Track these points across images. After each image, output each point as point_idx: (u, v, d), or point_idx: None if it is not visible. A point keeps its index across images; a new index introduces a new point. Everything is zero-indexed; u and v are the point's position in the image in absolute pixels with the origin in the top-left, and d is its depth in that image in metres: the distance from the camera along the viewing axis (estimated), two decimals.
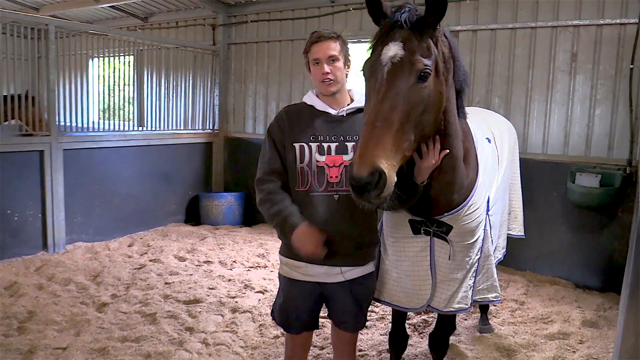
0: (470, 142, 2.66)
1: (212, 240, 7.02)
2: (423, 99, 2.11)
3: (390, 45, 2.12)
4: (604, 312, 4.91)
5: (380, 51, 2.14)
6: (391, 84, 2.05)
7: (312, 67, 2.59)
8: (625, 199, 5.32)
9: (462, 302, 2.78)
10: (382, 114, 2.01)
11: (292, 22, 7.91)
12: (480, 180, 2.71)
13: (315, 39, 2.56)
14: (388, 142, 1.99)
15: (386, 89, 2.05)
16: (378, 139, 1.97)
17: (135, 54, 7.64)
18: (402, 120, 2.04)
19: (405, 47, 2.10)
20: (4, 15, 5.96)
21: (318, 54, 2.54)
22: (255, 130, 8.48)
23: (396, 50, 2.10)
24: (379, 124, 1.99)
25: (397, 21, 2.15)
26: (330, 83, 2.55)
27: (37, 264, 5.74)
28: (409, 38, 2.12)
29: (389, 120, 2.01)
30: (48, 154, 6.12)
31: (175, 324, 4.38)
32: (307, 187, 2.56)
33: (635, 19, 5.26)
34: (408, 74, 2.07)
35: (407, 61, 2.07)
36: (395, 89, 2.05)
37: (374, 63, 2.14)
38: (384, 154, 1.97)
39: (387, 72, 2.07)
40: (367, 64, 2.20)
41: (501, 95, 6.19)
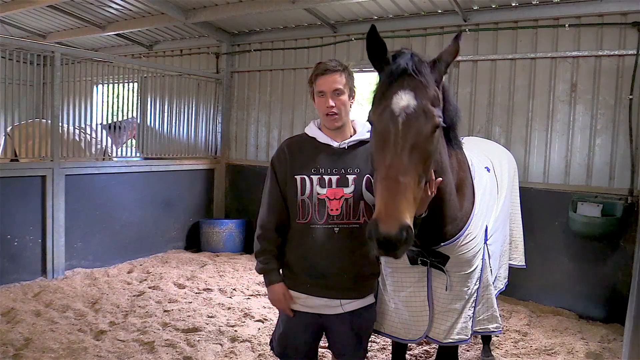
0: (465, 172, 2.66)
1: (212, 267, 6.97)
2: (435, 147, 2.12)
3: (402, 95, 2.06)
4: (608, 344, 4.84)
5: (390, 100, 2.06)
6: (407, 136, 2.00)
7: (316, 98, 2.61)
8: (628, 228, 5.30)
9: (462, 333, 2.75)
10: (401, 168, 1.96)
11: (294, 51, 8.02)
12: (477, 210, 2.70)
13: (322, 72, 2.57)
14: (410, 195, 1.95)
15: (403, 141, 1.99)
16: (401, 194, 1.92)
17: (139, 81, 7.72)
18: (419, 171, 2.02)
19: (417, 97, 2.05)
20: (11, 42, 6.07)
21: (323, 87, 2.55)
22: (257, 158, 8.51)
23: (409, 100, 2.04)
24: (400, 179, 1.94)
25: (405, 69, 2.09)
26: (335, 118, 2.56)
27: (35, 290, 5.69)
28: (419, 86, 2.08)
29: (408, 174, 1.96)
30: (50, 179, 6.13)
31: (174, 353, 4.32)
32: (307, 220, 2.56)
33: (634, 50, 5.34)
34: (424, 126, 2.03)
35: (421, 112, 2.03)
36: (412, 141, 2.00)
37: (385, 113, 2.06)
38: (408, 208, 1.93)
39: (402, 124, 2.01)
40: (376, 112, 2.12)
41: (502, 124, 6.23)
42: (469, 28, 6.37)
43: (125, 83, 7.52)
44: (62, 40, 10.12)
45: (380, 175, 1.99)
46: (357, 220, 2.55)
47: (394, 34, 6.99)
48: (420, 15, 6.72)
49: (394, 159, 1.97)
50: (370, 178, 2.56)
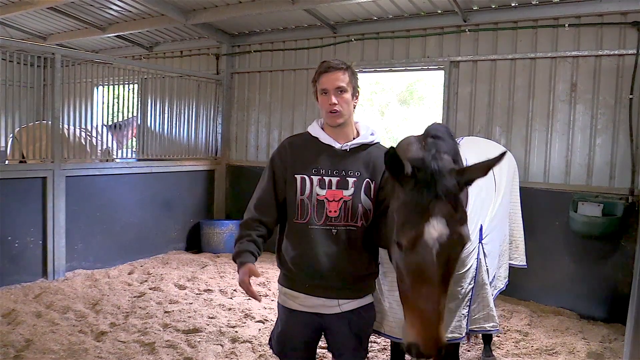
0: None
1: (212, 268, 6.98)
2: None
3: (434, 223, 2.02)
4: (609, 344, 4.83)
5: (422, 230, 2.02)
6: (442, 265, 2.01)
7: (319, 97, 2.60)
8: (628, 228, 5.30)
9: (456, 331, 2.75)
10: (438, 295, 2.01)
11: (294, 52, 8.03)
12: (470, 210, 2.69)
13: (325, 69, 2.56)
14: (444, 311, 2.04)
15: (439, 272, 2.01)
16: (440, 319, 2.00)
17: (139, 83, 7.73)
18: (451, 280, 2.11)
19: (449, 224, 2.02)
20: (12, 44, 6.07)
21: (326, 85, 2.54)
22: (258, 158, 8.51)
23: (441, 230, 2.01)
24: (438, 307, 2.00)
25: (436, 193, 2.05)
26: (337, 115, 2.54)
27: (36, 291, 5.69)
28: (450, 211, 2.04)
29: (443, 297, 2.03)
30: (50, 180, 6.13)
31: (174, 353, 4.32)
32: (305, 220, 2.55)
33: (634, 49, 5.34)
34: (457, 251, 2.07)
35: (454, 239, 2.03)
36: (446, 267, 2.03)
37: (419, 244, 2.02)
38: (444, 326, 2.04)
39: (436, 256, 2.00)
40: (406, 238, 2.06)
41: (502, 124, 6.23)
42: (468, 28, 6.37)
43: (126, 84, 7.54)
44: (63, 41, 10.13)
45: (419, 303, 2.03)
46: (355, 224, 2.54)
47: (394, 34, 7.00)
48: (420, 16, 6.72)
49: (432, 290, 2.01)
50: (369, 182, 2.56)
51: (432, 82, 14.14)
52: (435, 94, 13.30)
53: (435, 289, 1.99)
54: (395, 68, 7.18)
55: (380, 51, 7.17)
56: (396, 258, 2.19)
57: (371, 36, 7.22)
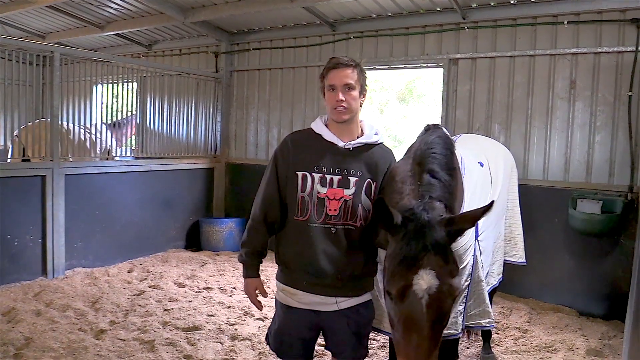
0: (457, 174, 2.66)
1: (212, 266, 6.98)
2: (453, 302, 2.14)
3: (422, 275, 2.03)
4: (608, 341, 4.84)
5: (412, 280, 2.03)
6: (432, 317, 2.02)
7: (326, 93, 2.58)
8: (627, 225, 5.30)
9: (452, 327, 2.75)
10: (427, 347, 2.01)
11: (293, 50, 8.02)
12: (466, 208, 2.69)
13: (334, 65, 2.55)
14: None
15: (428, 323, 2.01)
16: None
17: (138, 81, 7.73)
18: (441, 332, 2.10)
19: (439, 275, 2.03)
20: (10, 43, 6.07)
21: (334, 81, 2.53)
22: (257, 156, 8.51)
23: (430, 281, 2.02)
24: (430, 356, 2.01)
25: (425, 245, 2.06)
26: (343, 111, 2.52)
27: (35, 290, 5.69)
28: (439, 263, 2.05)
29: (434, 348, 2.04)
30: (50, 179, 6.13)
31: (174, 351, 4.32)
32: (305, 217, 2.55)
33: (633, 46, 5.33)
34: (447, 303, 2.06)
35: (444, 291, 2.03)
36: (436, 319, 2.03)
37: (408, 295, 2.04)
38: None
39: (425, 306, 2.01)
40: (396, 288, 2.08)
41: (501, 122, 6.23)
42: (468, 25, 6.37)
43: (125, 83, 7.53)
44: (61, 40, 10.12)
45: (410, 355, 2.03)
46: (354, 223, 2.54)
47: (393, 32, 6.99)
48: (419, 13, 6.71)
49: (421, 341, 2.01)
50: (370, 182, 2.56)
51: (431, 79, 14.13)
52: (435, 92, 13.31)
53: (425, 340, 2.00)
54: (394, 66, 7.18)
55: (379, 49, 7.16)
56: (388, 307, 2.21)
57: (370, 34, 7.21)
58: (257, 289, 2.76)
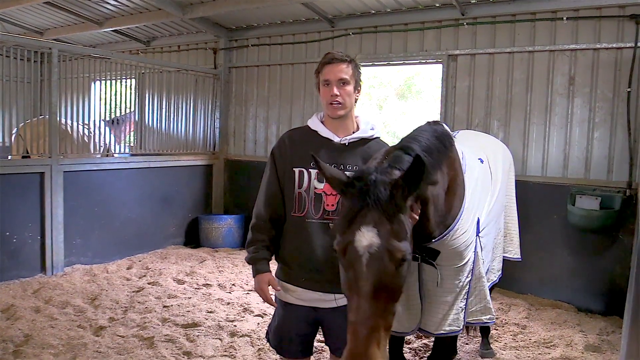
0: (456, 170, 2.64)
1: (211, 262, 6.98)
2: (404, 276, 2.06)
3: (364, 232, 1.97)
4: (606, 336, 4.85)
5: (353, 237, 1.98)
6: (372, 278, 1.94)
7: (321, 88, 2.59)
8: (626, 221, 5.31)
9: (454, 324, 2.75)
10: (369, 311, 1.92)
11: (292, 46, 8.01)
12: (467, 204, 2.69)
13: (328, 60, 2.55)
14: (379, 334, 1.93)
15: (368, 283, 1.94)
16: (370, 337, 1.89)
17: (137, 77, 7.71)
18: (389, 306, 2.00)
19: (380, 234, 1.96)
20: (8, 39, 6.05)
21: (329, 75, 2.53)
22: (256, 153, 8.51)
23: (371, 238, 1.96)
24: (368, 323, 1.91)
25: (366, 200, 2.00)
26: (338, 106, 2.53)
27: (34, 287, 5.69)
28: (382, 221, 1.98)
29: (375, 315, 1.93)
30: (48, 176, 6.12)
31: (173, 348, 4.33)
32: (303, 213, 2.56)
33: (632, 42, 5.33)
34: (389, 266, 1.96)
35: (384, 251, 1.95)
36: (377, 283, 1.94)
37: (349, 251, 2.00)
38: (377, 347, 1.92)
39: (365, 265, 1.95)
40: (340, 246, 2.04)
41: (500, 118, 6.22)
42: (467, 22, 6.36)
43: (123, 79, 7.52)
44: (60, 36, 10.09)
45: (351, 316, 1.97)
46: None
47: (392, 28, 6.98)
48: (418, 9, 6.70)
49: (361, 303, 1.94)
50: None
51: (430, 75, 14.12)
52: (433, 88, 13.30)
53: (366, 302, 1.92)
54: (393, 62, 7.17)
55: (378, 45, 7.15)
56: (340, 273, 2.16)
57: (369, 30, 7.20)
58: (269, 284, 2.63)
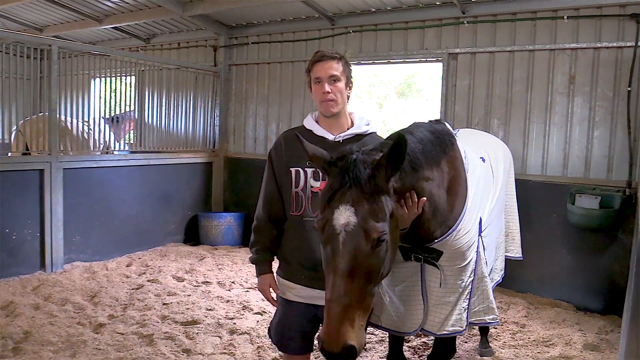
0: (457, 169, 2.65)
1: (210, 260, 6.98)
2: (382, 258, 2.06)
3: (342, 210, 2.01)
4: (605, 335, 4.86)
5: (332, 214, 2.02)
6: (347, 256, 1.97)
7: (313, 86, 2.60)
8: (625, 220, 5.31)
9: (457, 324, 2.75)
10: (343, 290, 1.96)
11: (292, 44, 8.00)
12: (470, 204, 2.69)
13: (318, 58, 2.57)
14: (353, 314, 1.96)
15: (344, 262, 1.97)
16: (343, 317, 1.93)
17: (136, 75, 7.70)
18: (365, 286, 2.01)
19: (357, 213, 1.99)
20: (8, 36, 6.04)
21: (320, 73, 2.55)
22: (256, 151, 8.50)
23: (348, 217, 1.99)
24: (342, 301, 1.94)
25: (346, 179, 2.03)
26: (331, 103, 2.55)
27: (34, 284, 5.69)
28: (360, 200, 2.01)
29: (350, 295, 1.96)
30: (48, 173, 6.12)
31: (173, 345, 4.33)
32: (301, 212, 2.59)
33: (632, 42, 5.32)
34: (364, 245, 1.98)
35: (360, 230, 1.98)
36: (353, 261, 1.97)
37: (327, 227, 2.04)
38: (351, 327, 1.95)
39: (342, 243, 1.98)
40: (320, 223, 2.09)
41: (500, 117, 6.22)
42: (467, 20, 6.35)
43: (123, 76, 7.50)
44: (59, 33, 10.07)
45: (327, 294, 2.00)
46: None
47: (392, 26, 6.97)
48: (418, 8, 6.69)
49: (336, 280, 1.97)
50: None
51: (430, 74, 14.11)
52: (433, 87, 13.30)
53: (341, 280, 1.95)
54: (393, 60, 7.16)
55: (378, 43, 7.14)
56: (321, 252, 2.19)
57: (369, 28, 7.19)
58: (270, 285, 2.75)
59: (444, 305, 2.72)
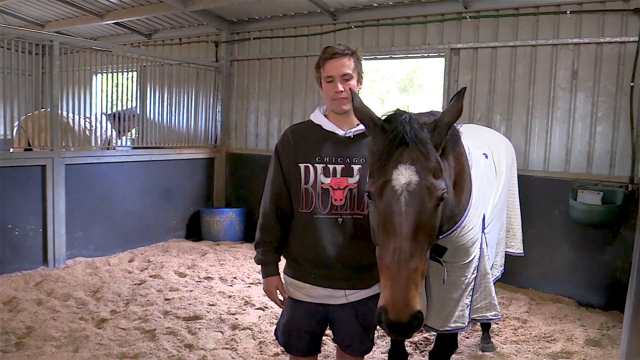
0: (462, 165, 2.63)
1: (212, 256, 7.00)
2: (439, 217, 2.05)
3: (402, 169, 1.96)
4: (607, 331, 4.86)
5: (391, 176, 1.97)
6: (412, 216, 1.92)
7: (324, 84, 2.55)
8: (628, 216, 5.30)
9: (459, 321, 2.75)
10: (408, 252, 1.89)
11: (294, 39, 7.98)
12: (474, 200, 2.68)
13: (330, 55, 2.51)
14: (418, 277, 1.90)
15: (407, 223, 1.91)
16: (410, 280, 1.86)
17: (138, 70, 7.70)
18: (425, 245, 1.97)
19: (418, 171, 1.95)
20: (10, 31, 6.04)
21: (332, 72, 2.49)
22: (257, 146, 8.50)
23: (409, 176, 1.95)
24: (409, 264, 1.87)
25: (404, 139, 1.99)
26: (343, 101, 2.50)
27: (37, 279, 5.71)
28: (420, 158, 1.98)
29: (415, 257, 1.90)
30: (50, 169, 6.13)
31: (175, 340, 4.35)
32: (311, 209, 2.52)
33: (635, 37, 5.30)
34: (428, 203, 1.95)
35: (424, 188, 1.95)
36: (416, 221, 1.93)
37: (386, 190, 1.97)
38: (418, 292, 1.88)
39: (404, 203, 1.92)
40: (376, 186, 2.02)
41: (502, 112, 6.20)
42: (469, 15, 6.33)
43: (125, 72, 7.50)
44: (61, 29, 10.06)
45: (387, 259, 1.92)
46: (361, 212, 2.50)
47: (394, 21, 6.95)
48: (420, 3, 6.67)
49: (401, 243, 1.90)
50: None
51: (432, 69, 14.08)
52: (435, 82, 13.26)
53: (406, 242, 1.89)
54: (395, 55, 7.14)
55: (380, 38, 7.12)
56: (370, 214, 2.15)
57: (371, 23, 7.17)
58: (277, 288, 2.65)
59: (447, 302, 2.71)
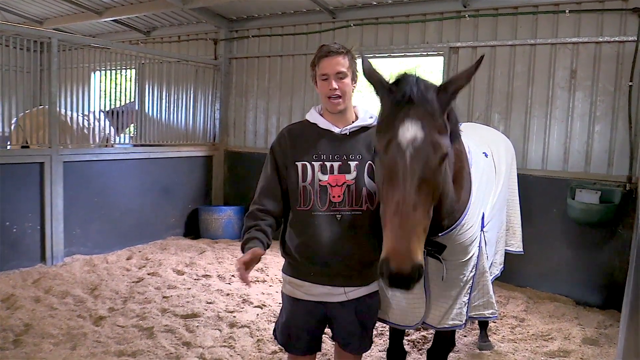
0: (462, 162, 2.63)
1: (211, 254, 7.00)
2: (443, 176, 2.09)
3: (408, 125, 2.00)
4: (604, 330, 4.87)
5: (397, 132, 2.00)
6: (416, 171, 1.95)
7: (319, 82, 2.56)
8: (625, 215, 5.31)
9: (457, 318, 2.75)
10: (411, 204, 1.92)
11: (293, 37, 7.97)
12: (474, 198, 2.68)
13: (325, 54, 2.52)
14: (421, 230, 1.93)
15: (412, 176, 1.94)
16: (412, 231, 1.89)
17: (137, 68, 7.69)
18: (429, 202, 2.00)
19: (424, 127, 1.99)
20: (8, 28, 6.02)
21: (326, 70, 2.50)
22: (256, 144, 8.49)
23: (415, 132, 1.98)
24: (411, 216, 1.90)
25: (411, 97, 2.03)
26: (338, 102, 2.51)
27: (34, 277, 5.71)
28: (426, 116, 2.02)
29: (418, 209, 1.93)
30: (48, 166, 6.12)
31: (173, 338, 4.35)
32: (309, 207, 2.52)
33: (634, 36, 5.30)
34: (433, 158, 1.99)
35: (429, 144, 1.98)
36: (421, 175, 1.96)
37: (392, 145, 2.01)
38: (420, 245, 1.91)
39: (410, 158, 1.95)
40: (381, 143, 2.06)
41: (501, 111, 6.21)
42: (468, 14, 6.33)
43: (123, 69, 7.49)
44: (59, 26, 10.04)
45: (390, 211, 1.94)
46: (360, 207, 2.51)
47: (393, 20, 6.95)
48: (419, 1, 6.66)
49: (404, 195, 1.93)
50: (372, 165, 2.53)
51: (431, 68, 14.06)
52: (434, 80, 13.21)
53: (410, 194, 1.92)
54: (394, 54, 7.15)
55: (379, 37, 7.12)
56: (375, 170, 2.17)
57: (370, 21, 7.16)
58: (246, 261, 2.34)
59: (445, 299, 2.72)
